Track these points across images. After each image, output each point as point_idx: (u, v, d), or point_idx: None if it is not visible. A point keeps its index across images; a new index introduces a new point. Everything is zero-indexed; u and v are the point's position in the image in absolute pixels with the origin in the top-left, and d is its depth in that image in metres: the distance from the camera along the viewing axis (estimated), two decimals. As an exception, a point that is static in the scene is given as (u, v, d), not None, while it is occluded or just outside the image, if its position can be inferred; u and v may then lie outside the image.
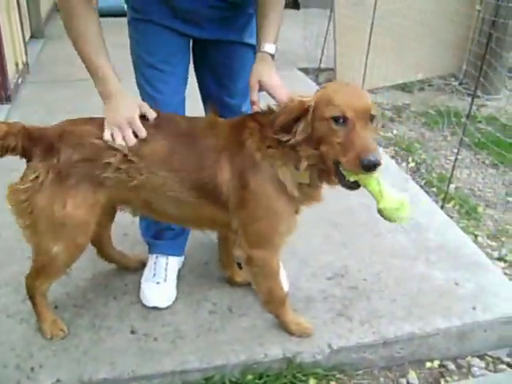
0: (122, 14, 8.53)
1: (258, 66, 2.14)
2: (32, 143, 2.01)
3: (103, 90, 2.07)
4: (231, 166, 2.03)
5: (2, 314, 2.42)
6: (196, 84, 2.57)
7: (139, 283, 2.58)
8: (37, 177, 1.97)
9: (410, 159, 4.41)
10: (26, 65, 5.64)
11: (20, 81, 5.21)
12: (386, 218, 1.86)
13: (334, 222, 3.20)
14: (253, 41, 2.31)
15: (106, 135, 2.01)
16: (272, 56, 2.15)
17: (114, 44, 6.61)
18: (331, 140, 1.83)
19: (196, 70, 2.51)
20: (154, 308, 2.47)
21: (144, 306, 2.49)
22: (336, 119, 1.80)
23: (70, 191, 1.99)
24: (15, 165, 2.10)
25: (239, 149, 2.02)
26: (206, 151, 2.04)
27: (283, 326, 2.38)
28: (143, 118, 2.06)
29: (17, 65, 5.23)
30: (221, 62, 2.35)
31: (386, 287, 2.69)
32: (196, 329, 2.38)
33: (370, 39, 4.60)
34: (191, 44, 2.42)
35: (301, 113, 1.89)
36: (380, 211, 1.86)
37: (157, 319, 2.42)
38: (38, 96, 5.11)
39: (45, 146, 1.99)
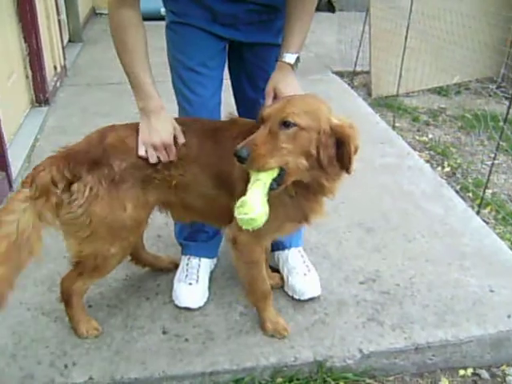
0: (157, 18, 8.62)
1: (276, 74, 2.17)
2: (76, 166, 2.03)
3: (144, 106, 2.12)
4: None
5: (38, 311, 2.47)
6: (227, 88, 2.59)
7: (171, 284, 2.60)
8: (91, 189, 2.01)
9: (445, 163, 4.35)
10: (64, 68, 5.75)
11: (58, 84, 5.32)
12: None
13: (367, 227, 3.18)
14: None
15: (141, 151, 2.07)
16: (291, 66, 2.16)
17: (152, 47, 6.70)
18: None
19: (231, 73, 2.52)
20: (186, 309, 2.49)
21: (176, 306, 2.51)
22: (259, 120, 1.90)
23: (126, 195, 2.06)
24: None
25: None
26: (225, 142, 2.09)
27: (260, 322, 2.39)
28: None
29: (55, 68, 5.34)
30: (256, 64, 2.36)
31: (419, 293, 2.66)
32: (227, 330, 2.39)
33: (405, 42, 4.55)
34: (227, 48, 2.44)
35: None
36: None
37: (188, 320, 2.44)
38: (75, 99, 5.21)
39: (90, 162, 2.03)
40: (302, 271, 2.62)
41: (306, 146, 1.86)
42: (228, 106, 2.59)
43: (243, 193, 1.88)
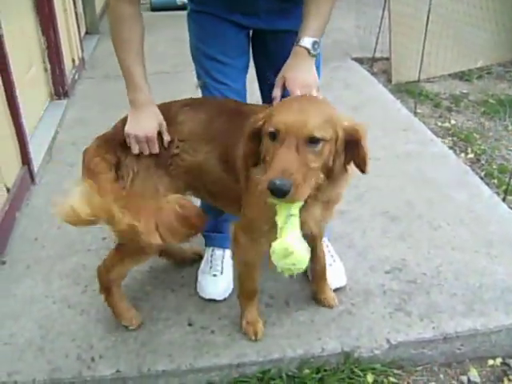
0: (174, 8, 8.60)
1: (289, 61, 2.10)
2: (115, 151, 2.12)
3: (133, 98, 2.15)
4: None
5: (63, 304, 2.48)
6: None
7: (196, 275, 2.59)
8: (131, 172, 2.09)
9: (468, 150, 4.27)
10: (82, 61, 5.75)
11: (76, 76, 5.32)
12: (272, 259, 1.68)
13: (392, 215, 3.13)
14: None
15: (127, 141, 2.10)
16: (308, 50, 2.06)
17: (168, 38, 6.69)
18: (266, 157, 1.75)
19: (255, 62, 2.49)
20: (211, 300, 2.48)
21: (201, 298, 2.50)
22: (270, 135, 1.70)
23: (156, 178, 2.12)
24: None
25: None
26: (234, 129, 2.04)
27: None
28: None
29: (73, 61, 5.34)
30: (279, 52, 2.32)
31: (446, 281, 2.62)
32: (253, 322, 2.37)
33: (426, 27, 4.47)
34: (251, 36, 2.41)
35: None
36: (270, 249, 1.70)
37: (214, 312, 2.43)
38: (93, 91, 5.21)
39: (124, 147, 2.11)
40: (327, 262, 2.58)
41: (327, 159, 1.73)
42: (255, 95, 2.57)
43: (244, 184, 1.93)
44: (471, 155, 4.20)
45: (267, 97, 2.48)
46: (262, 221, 1.96)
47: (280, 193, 1.58)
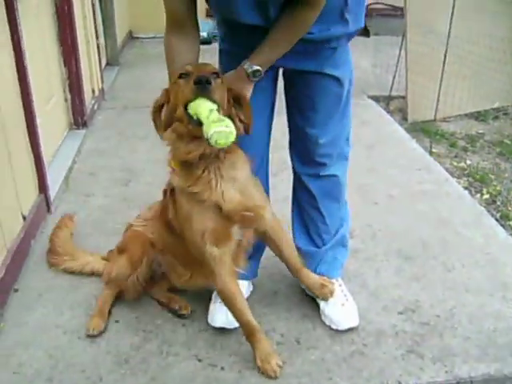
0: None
1: (230, 75, 2.16)
2: None
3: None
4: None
5: (74, 335, 2.47)
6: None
7: (206, 310, 2.58)
8: None
9: (484, 191, 4.25)
10: (102, 91, 5.83)
11: (96, 107, 5.39)
12: (205, 134, 1.83)
13: (406, 255, 3.11)
14: (335, 72, 2.30)
15: None
16: (248, 75, 2.12)
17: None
18: (178, 92, 1.96)
19: (286, 104, 2.49)
20: (221, 334, 2.46)
21: (212, 330, 2.49)
22: (181, 76, 1.98)
23: None
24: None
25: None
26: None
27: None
28: None
29: (93, 91, 5.41)
30: (303, 92, 2.35)
31: (460, 324, 2.58)
32: (263, 359, 2.35)
33: (443, 67, 4.50)
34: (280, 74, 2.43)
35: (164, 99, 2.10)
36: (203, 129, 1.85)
37: (224, 348, 2.41)
38: (112, 121, 5.27)
39: None
40: (339, 301, 2.57)
41: (223, 98, 2.01)
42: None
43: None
44: (486, 196, 4.18)
45: (292, 135, 2.52)
46: (194, 234, 2.18)
47: (204, 81, 1.85)
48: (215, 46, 2.46)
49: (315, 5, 1.99)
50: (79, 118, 4.77)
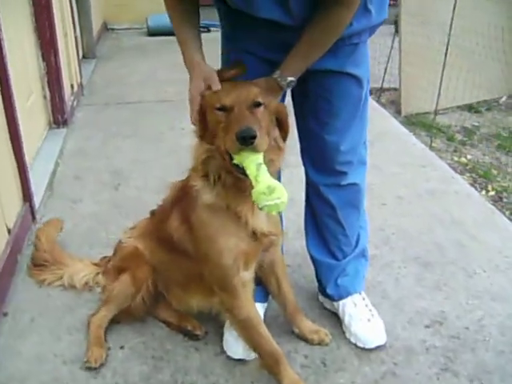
0: (172, 33, 8.46)
1: (259, 81, 1.95)
2: None
3: (184, 61, 1.99)
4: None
5: (75, 365, 2.21)
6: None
7: (221, 331, 2.34)
8: None
9: (489, 187, 4.11)
10: (81, 86, 5.51)
11: (75, 103, 5.08)
12: (256, 203, 1.72)
13: (424, 261, 2.92)
14: (356, 71, 2.07)
15: None
16: (282, 88, 1.95)
17: (168, 63, 6.47)
18: (218, 127, 1.80)
19: (294, 105, 2.26)
20: (240, 360, 2.23)
21: (228, 357, 2.25)
22: (219, 109, 1.80)
23: None
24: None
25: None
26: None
27: None
28: None
29: (72, 87, 5.09)
30: (320, 94, 2.10)
31: (491, 337, 2.41)
32: (288, 386, 2.12)
33: (445, 58, 4.33)
34: None
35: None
36: (252, 195, 1.72)
37: (245, 375, 2.18)
38: (93, 119, 4.97)
39: None
40: (365, 317, 2.36)
41: (267, 123, 1.85)
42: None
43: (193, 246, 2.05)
44: (492, 193, 4.04)
45: (305, 141, 2.29)
46: (224, 256, 1.96)
47: (249, 137, 1.66)
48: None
49: (350, 4, 1.79)
50: (59, 116, 4.47)
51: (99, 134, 4.56)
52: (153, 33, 8.36)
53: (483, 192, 4.02)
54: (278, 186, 1.69)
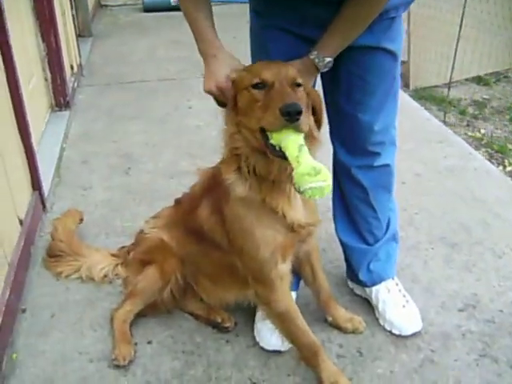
0: (168, 9, 8.24)
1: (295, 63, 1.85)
2: None
3: (202, 49, 1.89)
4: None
5: (102, 363, 2.13)
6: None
7: (251, 322, 2.26)
8: None
9: (505, 162, 4.01)
10: (80, 67, 5.33)
11: (76, 84, 4.91)
12: (297, 186, 1.56)
13: (450, 242, 2.84)
14: (392, 46, 1.96)
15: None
16: (318, 69, 1.85)
17: (167, 41, 6.28)
18: (253, 106, 1.67)
19: (323, 84, 2.14)
20: (275, 352, 2.15)
21: (262, 349, 2.17)
22: (255, 86, 1.68)
23: None
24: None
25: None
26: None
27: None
28: None
29: (72, 68, 4.92)
30: (354, 72, 1.98)
31: (527, 319, 2.33)
32: (326, 378, 2.04)
33: (460, 30, 4.20)
34: None
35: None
36: (293, 178, 1.58)
37: (280, 367, 2.10)
38: (96, 100, 4.80)
39: None
40: (400, 303, 2.29)
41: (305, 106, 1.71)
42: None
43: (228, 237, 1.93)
44: (510, 168, 3.94)
45: (335, 122, 2.18)
46: (261, 249, 1.86)
47: (295, 112, 1.53)
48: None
49: None
50: (61, 98, 4.31)
51: (103, 116, 4.42)
52: (148, 9, 8.12)
53: (500, 167, 3.92)
54: (323, 168, 1.56)
